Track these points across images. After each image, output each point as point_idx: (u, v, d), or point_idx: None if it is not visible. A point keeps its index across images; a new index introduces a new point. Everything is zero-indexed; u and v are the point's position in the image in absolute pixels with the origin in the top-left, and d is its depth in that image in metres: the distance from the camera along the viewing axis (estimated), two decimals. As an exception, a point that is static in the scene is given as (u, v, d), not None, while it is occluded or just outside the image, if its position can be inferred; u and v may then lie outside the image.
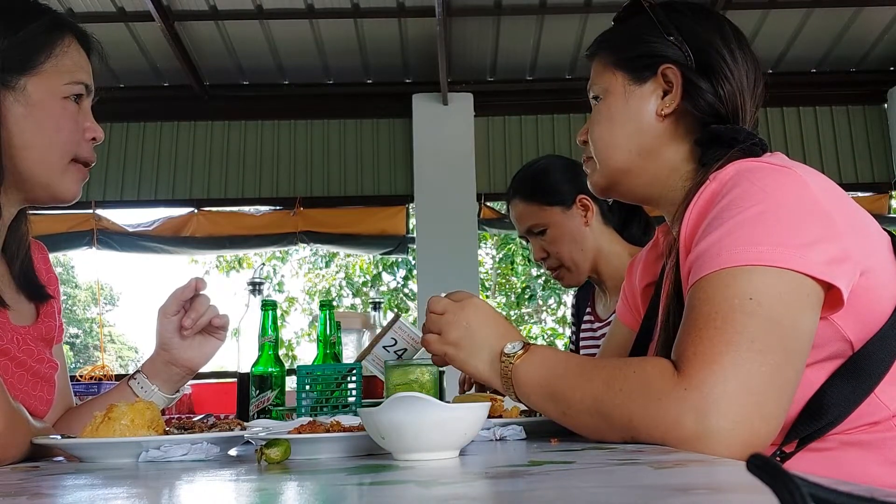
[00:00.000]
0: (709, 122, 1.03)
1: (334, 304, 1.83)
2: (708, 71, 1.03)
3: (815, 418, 0.88)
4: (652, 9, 1.09)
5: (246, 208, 5.15)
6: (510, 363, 0.98)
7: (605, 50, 1.13)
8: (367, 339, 1.98)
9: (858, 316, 0.89)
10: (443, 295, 1.10)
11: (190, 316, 1.26)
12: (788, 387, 0.82)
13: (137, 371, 1.30)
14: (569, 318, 2.16)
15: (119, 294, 21.46)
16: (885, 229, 0.97)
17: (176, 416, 2.38)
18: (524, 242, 1.95)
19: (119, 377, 3.73)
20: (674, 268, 0.99)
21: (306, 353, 11.50)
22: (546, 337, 10.67)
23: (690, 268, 0.90)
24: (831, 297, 0.86)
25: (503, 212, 5.35)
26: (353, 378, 1.28)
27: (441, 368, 1.39)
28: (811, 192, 0.88)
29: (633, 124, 1.07)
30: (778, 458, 0.90)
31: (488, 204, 5.07)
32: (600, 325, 1.91)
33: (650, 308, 1.17)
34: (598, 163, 1.12)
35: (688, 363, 0.82)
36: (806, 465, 0.90)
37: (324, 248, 8.82)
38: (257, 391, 1.50)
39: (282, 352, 1.63)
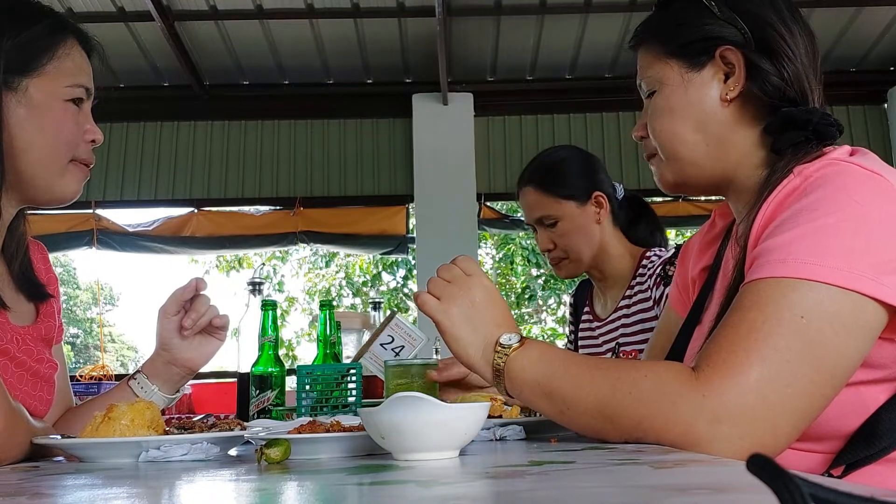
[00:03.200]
0: (777, 106, 0.96)
1: (334, 304, 1.83)
2: (768, 51, 0.97)
3: (868, 444, 0.84)
4: None
5: (246, 208, 5.15)
6: (504, 355, 0.94)
7: (653, 39, 1.05)
8: (366, 339, 1.98)
9: None
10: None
11: (190, 316, 1.26)
12: (811, 411, 0.79)
13: (138, 371, 1.30)
14: (567, 317, 2.16)
15: (119, 294, 21.51)
16: None
17: (176, 416, 2.38)
18: (532, 231, 1.93)
19: (119, 377, 3.73)
20: (739, 261, 0.93)
21: (306, 353, 11.50)
22: (546, 337, 10.66)
23: (752, 262, 0.85)
24: None
25: (503, 212, 5.36)
26: (353, 378, 1.28)
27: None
28: None
29: (697, 113, 1.00)
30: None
31: (488, 204, 5.07)
32: (599, 324, 1.91)
33: (702, 292, 1.12)
34: (666, 158, 1.05)
35: (713, 368, 0.79)
36: (848, 477, 0.87)
37: (324, 248, 8.82)
38: (257, 391, 1.50)
39: (282, 352, 1.62)
